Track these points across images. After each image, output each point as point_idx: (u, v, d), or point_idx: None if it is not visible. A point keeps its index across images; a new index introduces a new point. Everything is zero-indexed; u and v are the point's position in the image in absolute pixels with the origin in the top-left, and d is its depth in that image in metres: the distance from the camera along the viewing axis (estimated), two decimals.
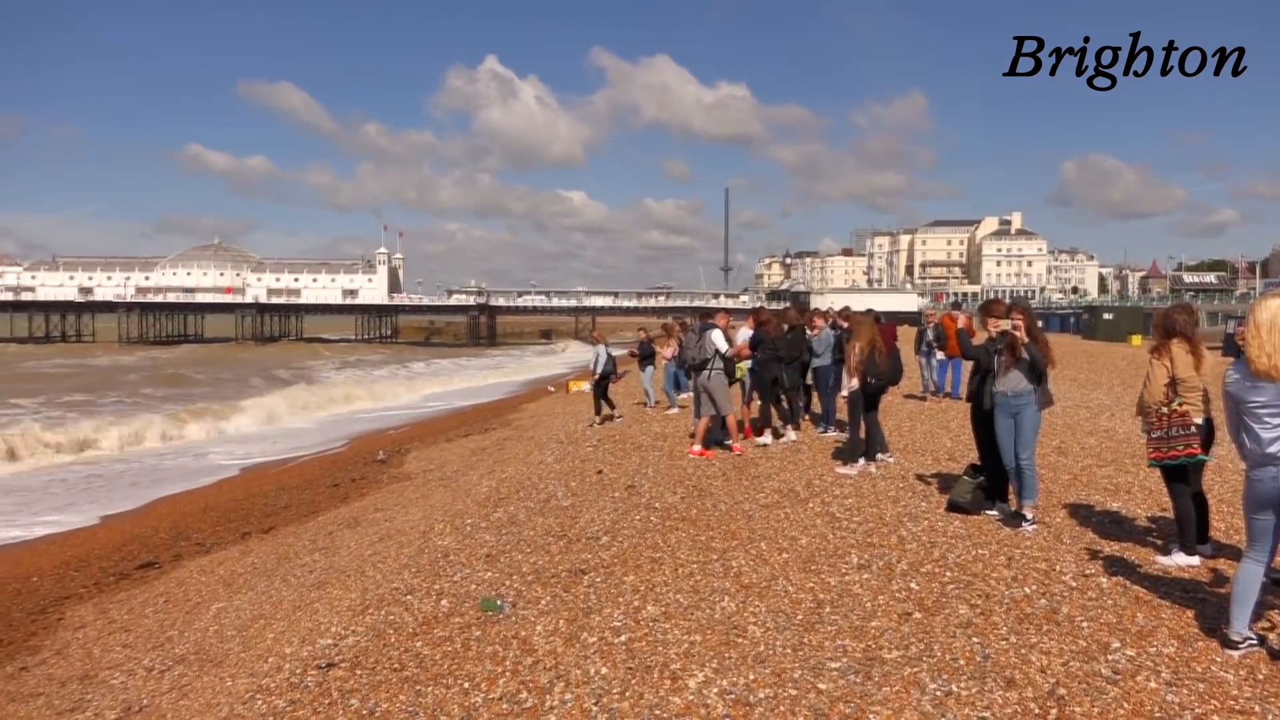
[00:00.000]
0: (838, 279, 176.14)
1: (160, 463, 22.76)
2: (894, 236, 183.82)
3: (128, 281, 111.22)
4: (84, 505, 17.84)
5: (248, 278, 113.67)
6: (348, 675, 5.04)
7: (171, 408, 32.91)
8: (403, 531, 10.75)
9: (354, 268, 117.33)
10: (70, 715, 7.12)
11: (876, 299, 77.44)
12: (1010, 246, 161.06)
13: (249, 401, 34.06)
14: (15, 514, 17.10)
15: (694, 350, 11.93)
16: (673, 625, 5.48)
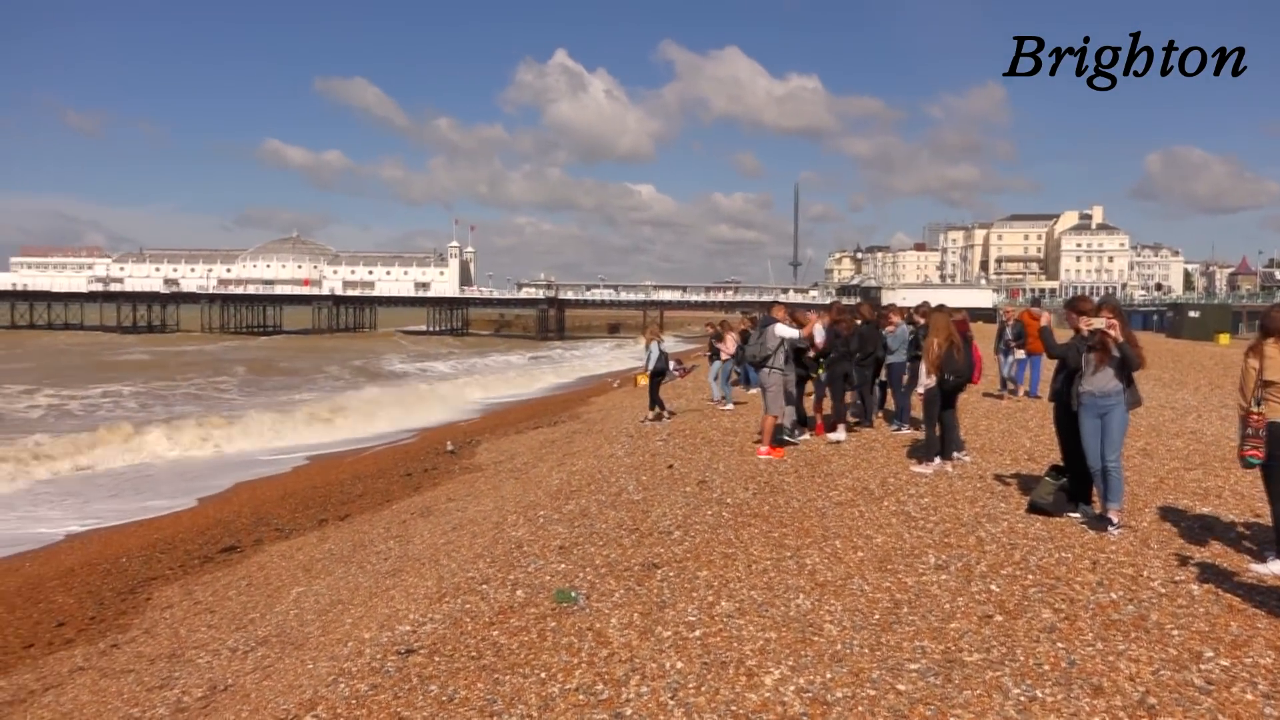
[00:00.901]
0: (910, 274, 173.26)
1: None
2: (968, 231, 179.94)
3: (210, 273, 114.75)
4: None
5: (324, 270, 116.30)
6: (426, 662, 5.13)
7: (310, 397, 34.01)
8: (475, 521, 10.89)
9: (426, 261, 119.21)
10: (159, 692, 7.37)
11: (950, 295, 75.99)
12: (1090, 241, 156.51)
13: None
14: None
15: (755, 346, 11.83)
16: (747, 621, 5.45)
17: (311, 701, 4.84)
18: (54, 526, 15.59)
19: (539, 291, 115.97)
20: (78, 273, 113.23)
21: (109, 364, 56.77)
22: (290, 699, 5.24)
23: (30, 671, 8.59)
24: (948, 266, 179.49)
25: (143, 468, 21.40)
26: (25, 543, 14.44)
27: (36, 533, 15.14)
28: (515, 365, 59.17)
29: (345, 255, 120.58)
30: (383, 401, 33.52)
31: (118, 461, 21.76)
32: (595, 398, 32.09)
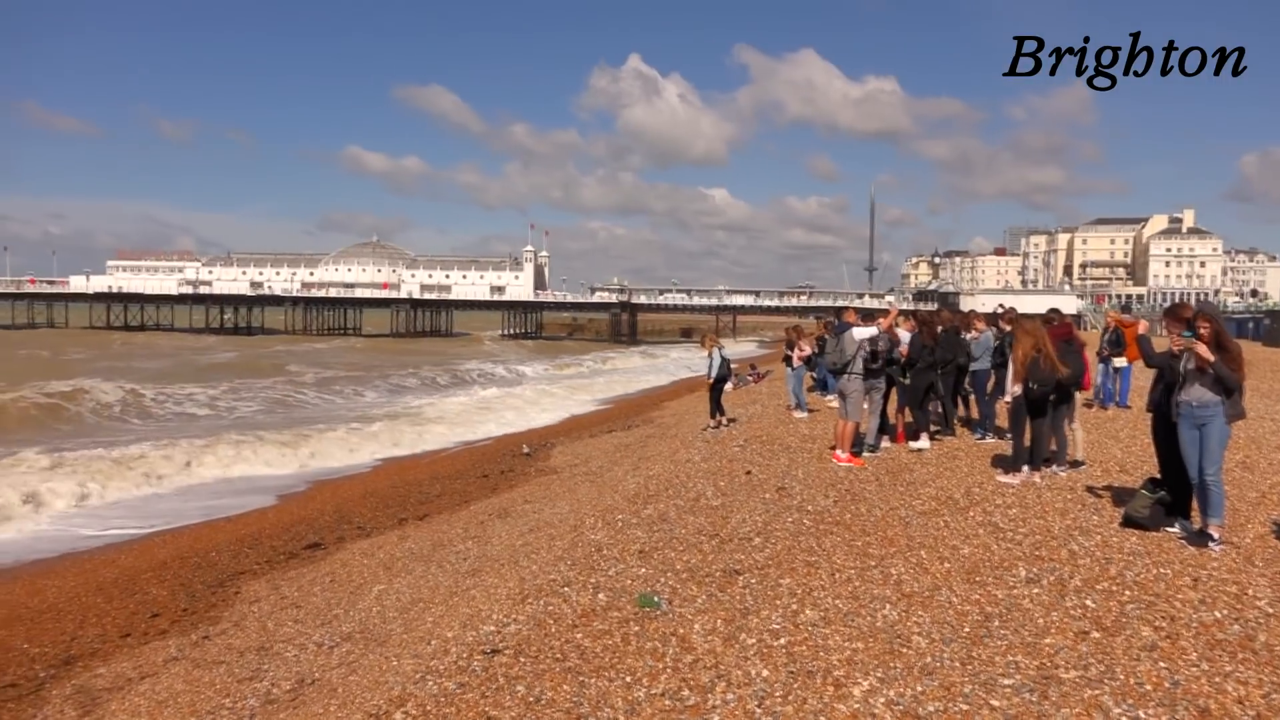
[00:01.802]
0: (989, 279, 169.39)
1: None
2: (1051, 235, 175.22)
3: (294, 277, 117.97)
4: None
5: (403, 274, 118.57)
6: (512, 662, 5.17)
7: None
8: (552, 524, 10.96)
9: (502, 265, 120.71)
10: (249, 684, 7.58)
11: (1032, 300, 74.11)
12: (1181, 246, 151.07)
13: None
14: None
15: (833, 352, 11.66)
16: (833, 631, 5.38)
17: (400, 698, 4.91)
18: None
19: (612, 295, 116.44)
20: (169, 275, 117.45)
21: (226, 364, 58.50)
22: (378, 695, 5.33)
23: (128, 660, 8.90)
24: (1029, 272, 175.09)
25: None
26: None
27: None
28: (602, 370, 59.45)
29: (423, 259, 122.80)
30: (492, 406, 34.04)
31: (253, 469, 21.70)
32: (668, 402, 32.09)
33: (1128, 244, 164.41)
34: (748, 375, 31.07)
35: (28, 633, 9.97)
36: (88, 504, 17.16)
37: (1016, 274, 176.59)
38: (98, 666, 8.79)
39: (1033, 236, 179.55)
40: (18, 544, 14.49)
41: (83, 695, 7.97)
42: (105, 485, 18.19)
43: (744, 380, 30.09)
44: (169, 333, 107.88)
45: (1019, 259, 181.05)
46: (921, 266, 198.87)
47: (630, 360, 69.38)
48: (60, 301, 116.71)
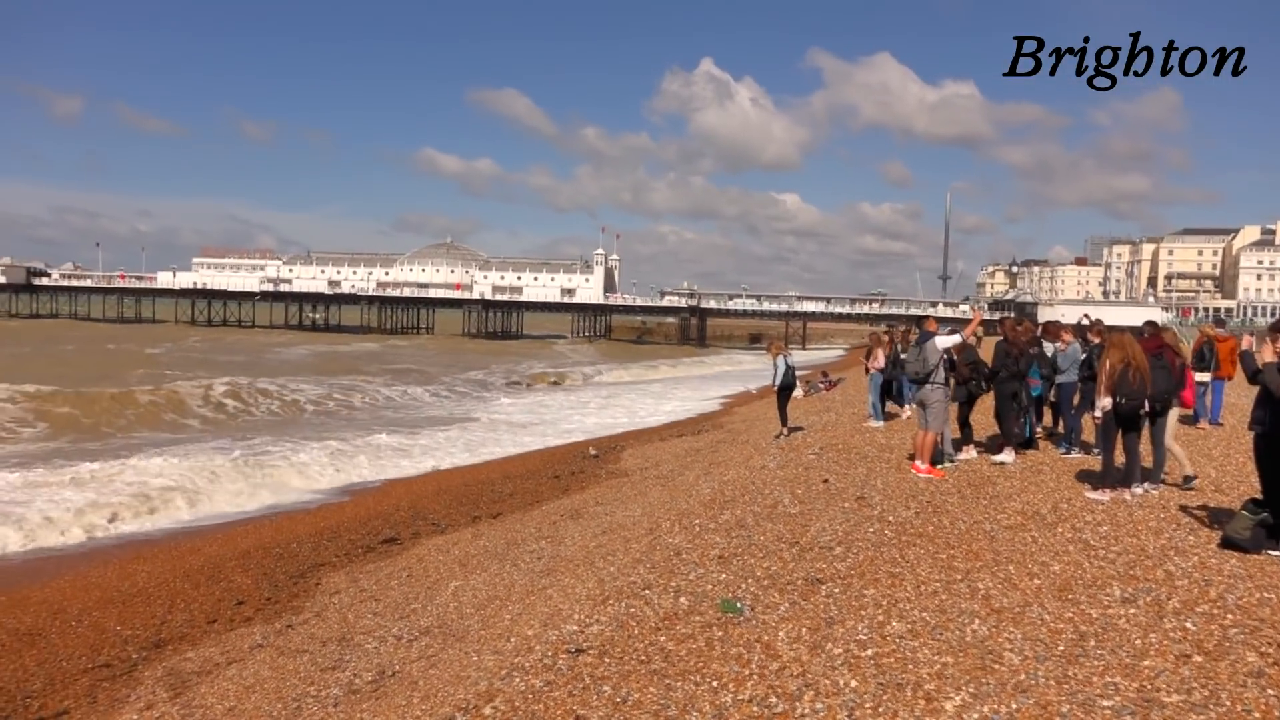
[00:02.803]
0: (1069, 290, 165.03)
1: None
2: (1135, 245, 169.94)
3: (370, 276, 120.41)
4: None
5: (475, 275, 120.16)
6: (597, 662, 5.18)
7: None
8: (625, 526, 10.98)
9: (572, 267, 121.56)
10: (332, 673, 7.74)
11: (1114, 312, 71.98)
12: (1274, 258, 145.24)
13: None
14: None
15: (915, 362, 11.45)
16: (921, 644, 5.28)
17: (488, 693, 4.96)
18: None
19: (681, 300, 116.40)
20: (251, 273, 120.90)
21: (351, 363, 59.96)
22: (463, 689, 5.40)
23: (215, 645, 9.16)
24: (1111, 282, 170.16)
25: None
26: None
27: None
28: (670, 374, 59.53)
29: (495, 261, 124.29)
30: (562, 408, 34.34)
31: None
32: (737, 407, 31.96)
33: (1216, 255, 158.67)
34: (819, 383, 30.80)
35: (120, 615, 10.34)
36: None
37: (1098, 285, 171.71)
38: (186, 650, 9.07)
39: (1115, 246, 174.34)
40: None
41: (173, 677, 8.23)
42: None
43: (815, 388, 29.85)
44: (250, 329, 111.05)
45: (1100, 269, 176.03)
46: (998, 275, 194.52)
47: (698, 365, 69.31)
48: (148, 297, 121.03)
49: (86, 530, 14.75)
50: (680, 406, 35.41)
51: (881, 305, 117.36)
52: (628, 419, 30.92)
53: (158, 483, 17.67)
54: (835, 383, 30.70)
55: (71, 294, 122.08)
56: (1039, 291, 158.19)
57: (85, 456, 20.73)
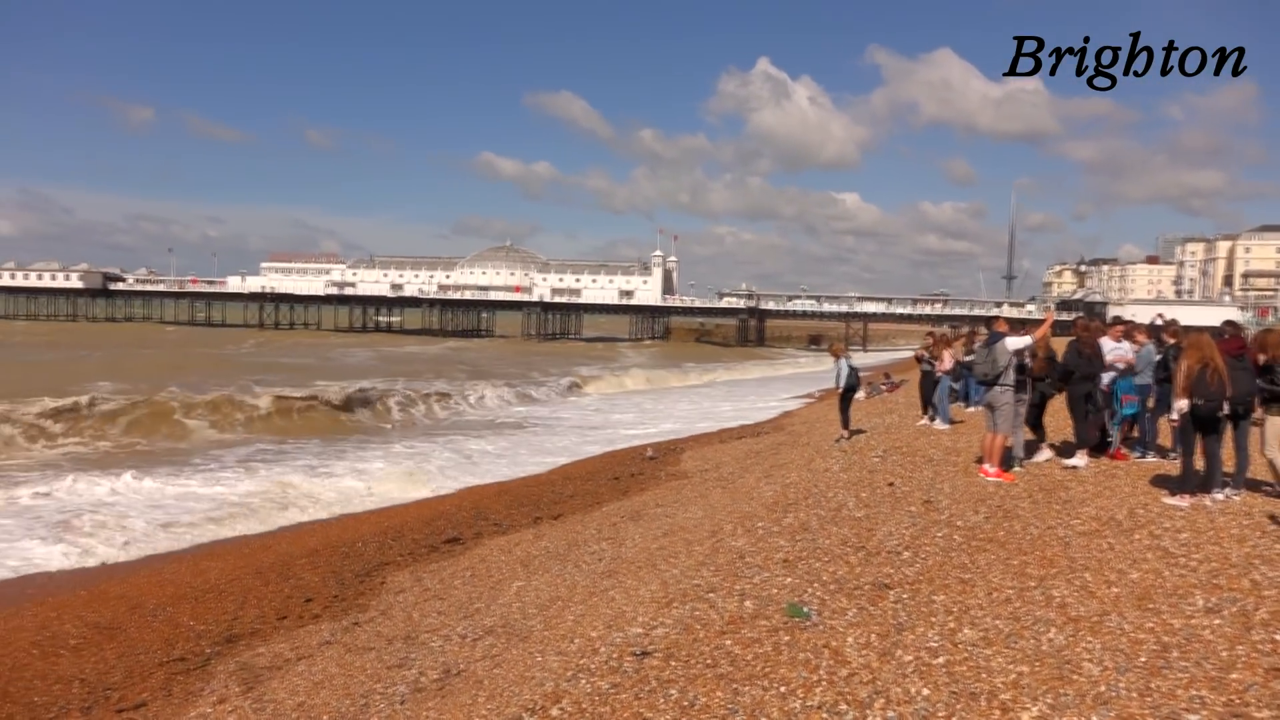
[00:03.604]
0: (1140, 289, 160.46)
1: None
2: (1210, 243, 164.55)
3: (431, 279, 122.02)
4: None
5: (534, 277, 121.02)
6: (663, 665, 5.15)
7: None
8: (686, 529, 10.93)
9: (630, 270, 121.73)
10: (398, 671, 7.82)
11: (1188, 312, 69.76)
12: None
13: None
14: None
15: (984, 363, 11.20)
16: (995, 652, 5.15)
17: (555, 694, 4.96)
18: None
19: (740, 301, 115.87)
20: (316, 277, 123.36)
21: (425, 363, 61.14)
22: (529, 689, 5.41)
23: (285, 641, 9.33)
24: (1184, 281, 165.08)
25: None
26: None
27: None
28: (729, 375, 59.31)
29: (554, 263, 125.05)
30: (621, 409, 34.40)
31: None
32: (798, 409, 31.70)
33: None
34: (881, 384, 30.38)
35: (194, 610, 10.59)
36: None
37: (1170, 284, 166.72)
38: (258, 646, 9.26)
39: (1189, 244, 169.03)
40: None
41: (245, 672, 8.39)
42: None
43: (877, 389, 29.44)
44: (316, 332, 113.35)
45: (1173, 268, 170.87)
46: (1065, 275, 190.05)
47: (757, 367, 68.92)
48: (219, 301, 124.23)
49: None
50: (740, 408, 35.23)
51: (944, 306, 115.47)
52: (686, 421, 30.84)
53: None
54: (898, 384, 30.25)
55: (145, 298, 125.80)
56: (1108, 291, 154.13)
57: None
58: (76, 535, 14.47)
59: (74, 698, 8.17)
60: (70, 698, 8.18)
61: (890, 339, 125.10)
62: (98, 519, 15.44)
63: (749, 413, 32.41)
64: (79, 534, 14.53)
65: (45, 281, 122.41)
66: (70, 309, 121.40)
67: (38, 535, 14.42)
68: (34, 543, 14.01)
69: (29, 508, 16.62)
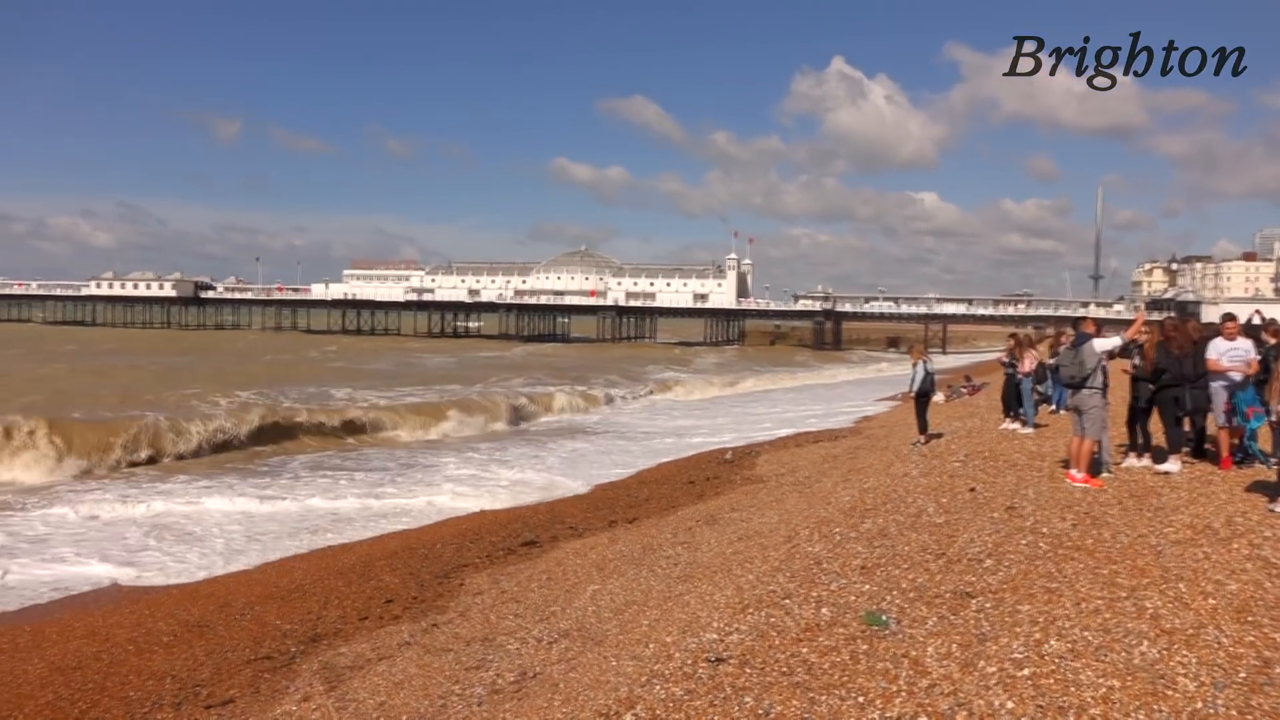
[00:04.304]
0: (1236, 288, 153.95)
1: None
2: None
3: (508, 284, 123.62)
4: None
5: (609, 282, 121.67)
6: (738, 672, 5.10)
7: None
8: (761, 533, 10.84)
9: (705, 273, 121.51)
10: (476, 672, 7.91)
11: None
12: None
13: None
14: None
15: (1070, 365, 10.85)
16: (1083, 665, 4.96)
17: (629, 700, 4.95)
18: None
19: (815, 303, 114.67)
20: (396, 284, 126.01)
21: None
22: (604, 694, 5.41)
23: (366, 641, 9.52)
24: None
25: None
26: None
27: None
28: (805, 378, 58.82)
29: (629, 267, 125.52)
30: (696, 414, 34.38)
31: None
32: (876, 413, 31.22)
33: None
34: (962, 387, 29.75)
35: (279, 610, 10.88)
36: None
37: (1269, 281, 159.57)
38: (340, 645, 9.46)
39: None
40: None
41: (328, 671, 8.59)
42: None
43: (957, 392, 28.84)
44: (396, 337, 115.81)
45: (1272, 264, 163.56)
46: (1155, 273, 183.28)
47: (834, 370, 68.12)
48: (304, 307, 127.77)
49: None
50: (814, 411, 34.85)
51: (1028, 307, 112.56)
52: (760, 425, 30.62)
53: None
54: (979, 387, 29.58)
55: (234, 306, 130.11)
56: (1202, 289, 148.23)
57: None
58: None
59: (166, 693, 8.46)
60: (163, 693, 8.47)
61: (971, 341, 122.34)
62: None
63: (825, 417, 32.03)
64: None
65: (142, 290, 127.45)
66: (164, 317, 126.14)
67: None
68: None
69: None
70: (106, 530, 15.66)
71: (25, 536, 15.12)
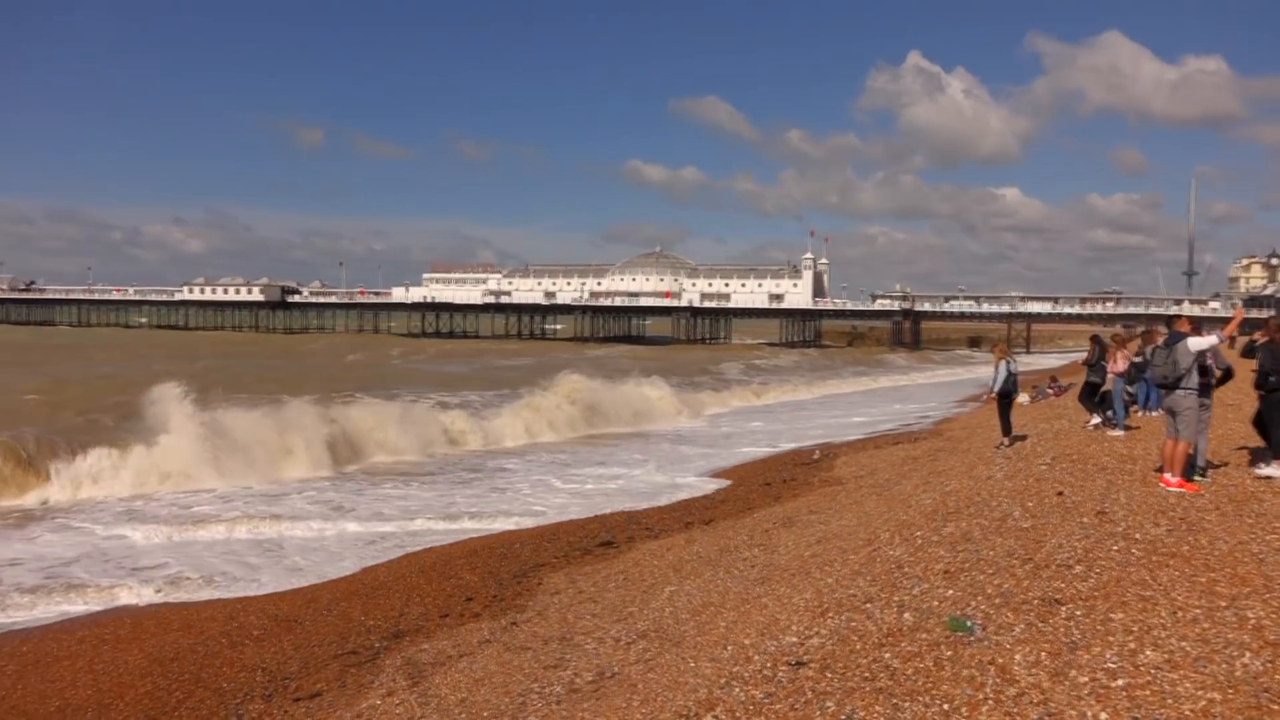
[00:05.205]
0: None
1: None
2: None
3: (583, 286, 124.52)
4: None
5: (684, 283, 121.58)
6: (818, 676, 5.04)
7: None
8: (840, 536, 10.70)
9: (780, 273, 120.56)
10: (554, 671, 7.97)
11: None
12: None
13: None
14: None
15: (1163, 365, 10.46)
16: (1181, 676, 4.78)
17: (708, 701, 4.93)
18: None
19: (894, 303, 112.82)
20: (475, 287, 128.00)
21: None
22: (683, 695, 5.40)
23: (447, 638, 9.67)
24: None
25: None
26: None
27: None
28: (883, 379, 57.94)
29: (703, 269, 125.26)
30: (777, 415, 34.16)
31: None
32: (957, 414, 30.59)
33: None
34: (1048, 388, 28.93)
35: (364, 606, 11.13)
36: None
37: None
38: (422, 642, 9.63)
39: None
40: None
41: (411, 667, 8.75)
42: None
43: (1043, 393, 28.05)
44: (476, 339, 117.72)
45: None
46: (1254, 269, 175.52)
47: (913, 371, 66.93)
48: (384, 310, 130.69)
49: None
50: (892, 412, 34.31)
51: (1116, 304, 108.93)
52: (837, 426, 30.25)
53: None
54: (1065, 388, 28.71)
55: (319, 309, 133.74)
56: None
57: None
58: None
59: (256, 685, 8.72)
60: (254, 685, 8.73)
61: (1057, 340, 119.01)
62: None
63: (903, 418, 31.51)
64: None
65: (231, 295, 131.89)
66: (252, 320, 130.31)
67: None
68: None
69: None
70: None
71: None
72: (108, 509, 17.46)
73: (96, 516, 16.78)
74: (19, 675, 9.24)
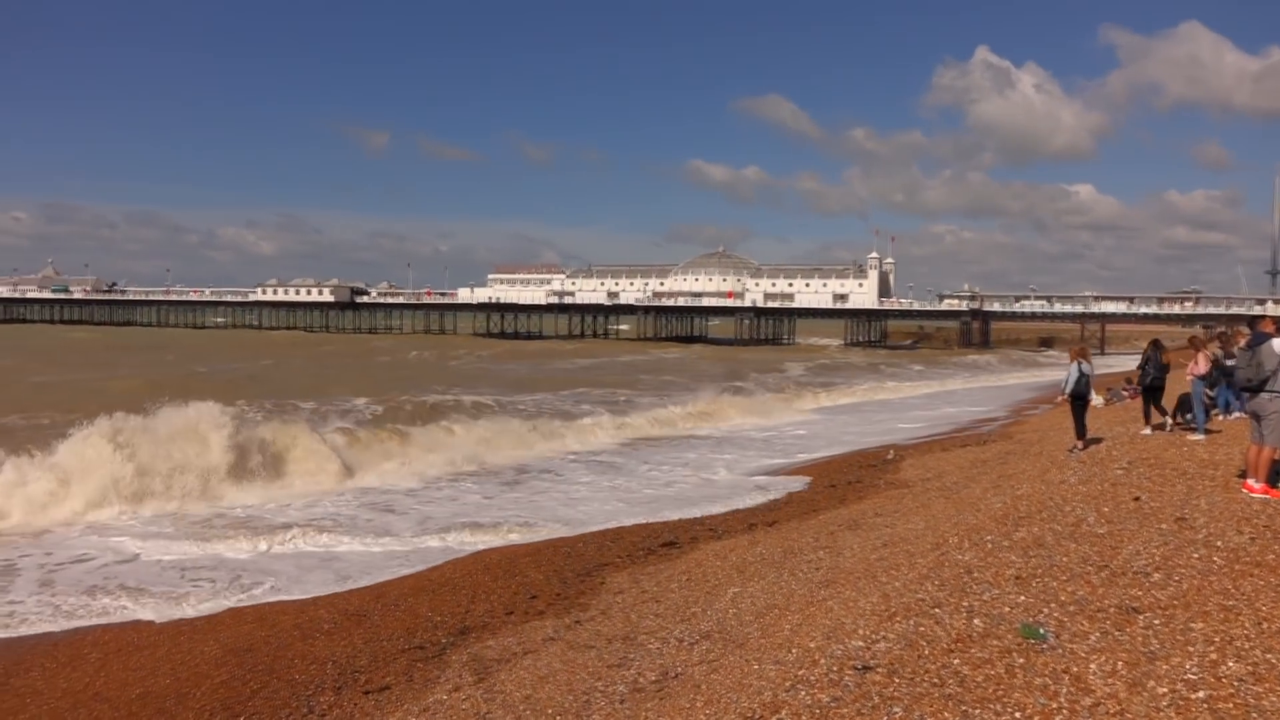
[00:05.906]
0: None
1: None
2: None
3: (646, 287, 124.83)
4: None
5: (747, 283, 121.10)
6: (886, 681, 4.97)
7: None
8: (907, 540, 10.55)
9: (845, 273, 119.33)
10: (618, 670, 8.00)
11: None
12: None
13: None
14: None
15: (1247, 367, 10.10)
16: (1266, 690, 4.61)
17: (773, 704, 4.90)
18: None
19: (962, 303, 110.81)
20: (539, 287, 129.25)
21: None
22: (747, 697, 5.37)
23: (512, 636, 9.77)
24: None
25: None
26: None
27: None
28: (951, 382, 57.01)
29: (766, 268, 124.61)
30: (843, 415, 33.88)
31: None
32: (1029, 417, 29.94)
33: None
34: (1123, 390, 28.13)
35: (431, 602, 11.30)
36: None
37: None
38: (487, 639, 9.74)
39: None
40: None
41: (476, 663, 8.85)
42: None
43: (1118, 395, 27.29)
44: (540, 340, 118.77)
45: None
46: None
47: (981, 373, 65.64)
48: (450, 311, 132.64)
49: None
50: (957, 413, 33.71)
51: (1196, 304, 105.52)
52: (905, 427, 29.82)
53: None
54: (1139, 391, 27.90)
55: (386, 310, 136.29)
56: None
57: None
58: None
59: (327, 677, 8.91)
60: (324, 677, 8.92)
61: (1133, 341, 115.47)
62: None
63: (972, 419, 30.93)
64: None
65: (303, 296, 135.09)
66: (322, 321, 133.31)
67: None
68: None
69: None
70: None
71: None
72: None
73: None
74: (102, 663, 9.58)
